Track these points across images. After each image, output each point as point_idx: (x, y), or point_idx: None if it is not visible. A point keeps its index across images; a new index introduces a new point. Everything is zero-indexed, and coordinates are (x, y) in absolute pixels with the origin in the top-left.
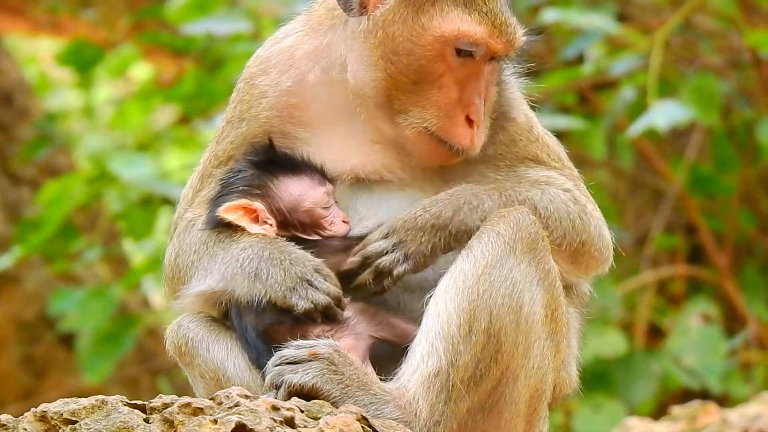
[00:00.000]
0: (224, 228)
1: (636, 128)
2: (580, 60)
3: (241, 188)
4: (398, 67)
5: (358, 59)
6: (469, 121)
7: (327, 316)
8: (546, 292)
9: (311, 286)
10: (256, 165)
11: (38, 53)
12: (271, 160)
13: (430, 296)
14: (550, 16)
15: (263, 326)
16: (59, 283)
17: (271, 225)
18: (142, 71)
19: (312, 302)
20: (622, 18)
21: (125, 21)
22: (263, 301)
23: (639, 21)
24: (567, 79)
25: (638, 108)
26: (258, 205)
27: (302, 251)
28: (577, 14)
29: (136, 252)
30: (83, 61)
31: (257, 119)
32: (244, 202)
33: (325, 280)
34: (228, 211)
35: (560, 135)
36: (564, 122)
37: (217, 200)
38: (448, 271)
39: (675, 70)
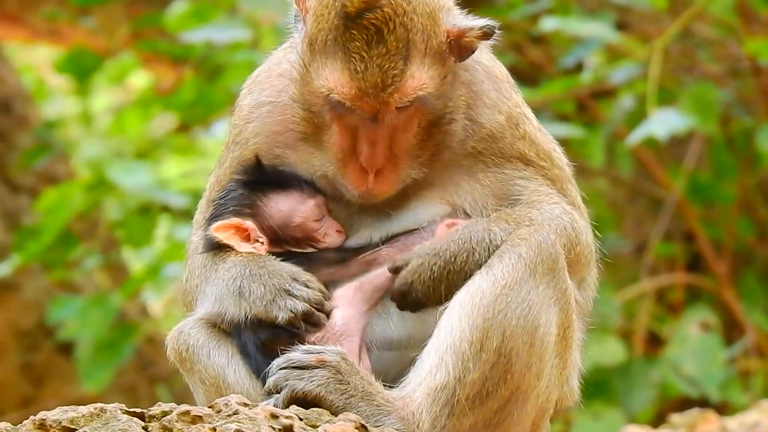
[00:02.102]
0: (220, 250)
1: (635, 137)
2: (579, 68)
3: (232, 208)
4: (299, 110)
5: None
6: (364, 169)
7: (309, 322)
8: (561, 311)
9: (289, 295)
10: (246, 184)
11: (35, 60)
12: (259, 178)
13: (444, 308)
14: (549, 24)
15: (260, 341)
16: (58, 291)
17: (262, 243)
18: (141, 79)
19: (291, 311)
20: (621, 26)
21: (124, 29)
22: (249, 318)
23: (638, 29)
24: (566, 88)
25: (637, 116)
26: (249, 223)
27: (281, 263)
28: (576, 23)
29: (135, 260)
30: (82, 69)
31: (247, 144)
32: (235, 221)
33: (305, 286)
34: (218, 231)
35: (559, 143)
36: (563, 130)
37: (210, 222)
38: (465, 286)
39: (674, 79)
